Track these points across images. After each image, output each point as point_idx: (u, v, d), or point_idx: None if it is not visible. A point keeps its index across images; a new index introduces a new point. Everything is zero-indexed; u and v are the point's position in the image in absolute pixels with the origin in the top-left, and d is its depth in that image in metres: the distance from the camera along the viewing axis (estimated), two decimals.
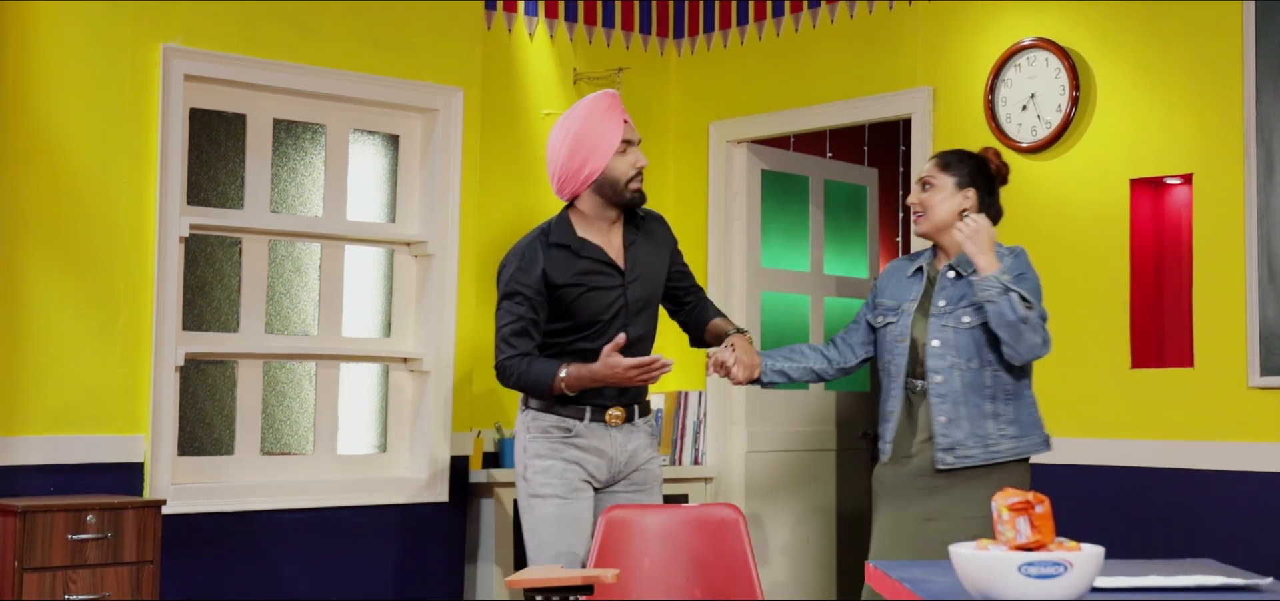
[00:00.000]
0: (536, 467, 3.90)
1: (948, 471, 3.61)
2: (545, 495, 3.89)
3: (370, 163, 5.30)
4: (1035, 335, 3.52)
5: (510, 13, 5.64)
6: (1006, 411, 3.62)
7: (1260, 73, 4.35)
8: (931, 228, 3.72)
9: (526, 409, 3.96)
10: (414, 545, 5.13)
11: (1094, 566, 2.29)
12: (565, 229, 3.91)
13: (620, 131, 3.86)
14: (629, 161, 3.88)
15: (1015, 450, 3.62)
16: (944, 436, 3.61)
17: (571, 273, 3.86)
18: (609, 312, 3.89)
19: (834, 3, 5.55)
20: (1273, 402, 4.32)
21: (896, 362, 3.71)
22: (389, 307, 5.30)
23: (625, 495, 4.00)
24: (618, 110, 3.89)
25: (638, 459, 3.98)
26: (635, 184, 3.89)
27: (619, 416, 3.92)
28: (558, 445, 3.89)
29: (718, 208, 5.92)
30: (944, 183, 3.70)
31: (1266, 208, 4.33)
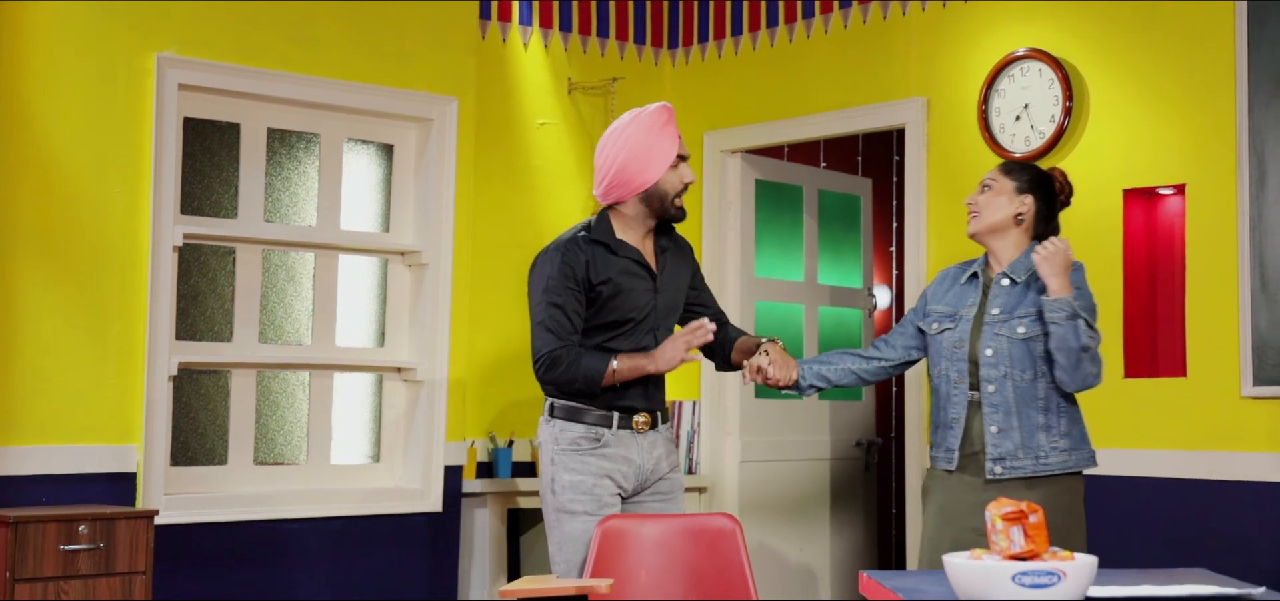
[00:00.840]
0: (565, 482, 3.90)
1: (996, 481, 3.57)
2: (575, 511, 3.89)
3: (364, 172, 5.30)
4: (1093, 365, 3.50)
5: (505, 23, 5.64)
6: (1059, 424, 3.58)
7: (1253, 83, 4.37)
8: (982, 228, 3.67)
9: (552, 419, 3.95)
10: (407, 555, 5.12)
11: (1087, 576, 2.30)
12: (605, 228, 3.96)
13: (675, 147, 3.93)
14: (679, 176, 3.95)
15: (1065, 463, 3.57)
16: (994, 446, 3.57)
17: (610, 271, 3.90)
18: (641, 313, 3.93)
19: (828, 13, 5.56)
20: (1265, 412, 4.33)
21: (955, 369, 3.66)
22: (383, 317, 5.29)
23: (651, 504, 4.01)
24: (673, 124, 3.95)
25: (662, 467, 4.01)
26: (680, 199, 3.97)
27: (645, 423, 3.94)
28: (587, 457, 3.90)
29: (712, 217, 5.93)
30: (1003, 186, 3.67)
31: (1259, 218, 4.34)
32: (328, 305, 5.15)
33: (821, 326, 6.29)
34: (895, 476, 6.91)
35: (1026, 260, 3.64)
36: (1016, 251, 3.66)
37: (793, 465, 6.09)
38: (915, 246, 5.27)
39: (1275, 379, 4.28)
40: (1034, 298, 3.58)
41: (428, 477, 5.16)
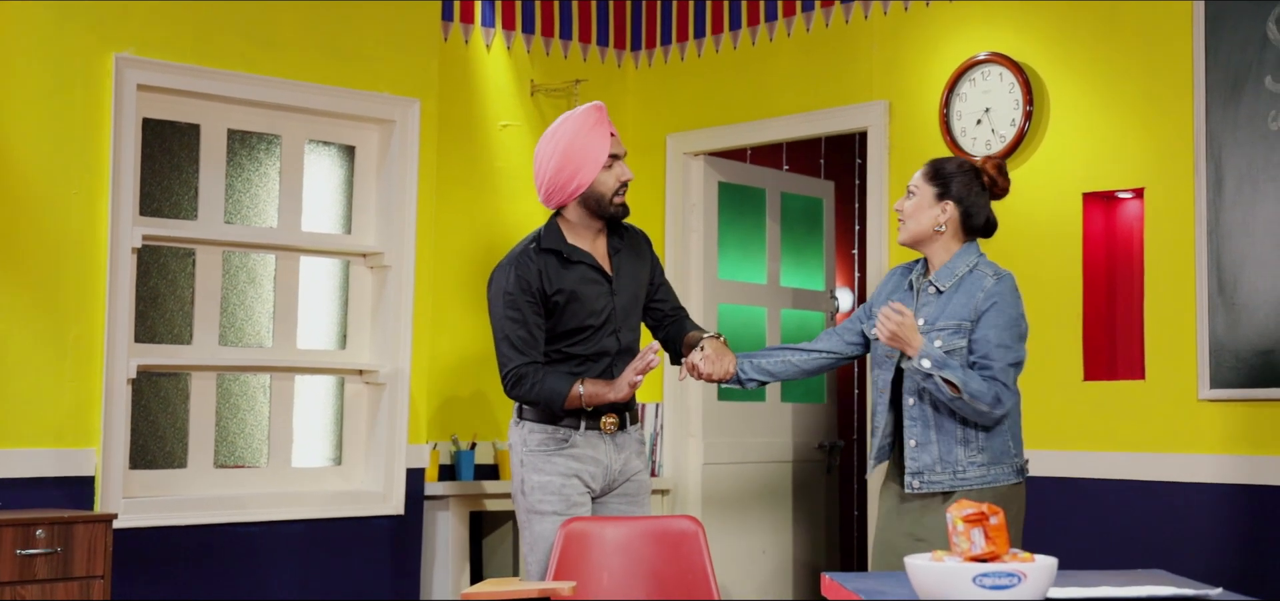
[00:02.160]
0: (534, 483, 3.93)
1: (915, 496, 3.52)
2: (544, 511, 3.92)
3: (326, 174, 5.27)
4: (979, 404, 3.39)
5: (467, 24, 5.63)
6: (978, 438, 3.50)
7: (1210, 89, 4.41)
8: (908, 238, 3.62)
9: (521, 420, 3.98)
10: (369, 558, 5.10)
11: (1047, 577, 2.31)
12: (555, 236, 3.96)
13: (608, 145, 3.91)
14: (614, 175, 3.93)
15: (982, 478, 3.49)
16: (912, 460, 3.53)
17: (563, 279, 3.91)
18: (600, 318, 3.94)
19: (791, 16, 5.58)
20: (1222, 415, 4.37)
21: (882, 377, 3.62)
22: (345, 319, 5.27)
23: (618, 506, 4.03)
24: (605, 123, 3.94)
25: (630, 468, 4.03)
26: (619, 197, 3.96)
27: (613, 424, 3.96)
28: (554, 457, 3.93)
29: (675, 220, 5.93)
30: (925, 194, 3.58)
31: (1216, 222, 4.38)
32: (289, 307, 5.12)
33: (784, 329, 6.30)
34: (857, 478, 6.93)
35: (953, 266, 3.55)
36: (947, 255, 3.58)
37: (755, 467, 6.11)
38: (877, 249, 5.29)
39: (1232, 382, 4.32)
40: (956, 307, 3.50)
41: (390, 480, 5.14)
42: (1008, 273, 3.56)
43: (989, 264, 3.56)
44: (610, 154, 3.92)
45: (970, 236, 3.59)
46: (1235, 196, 4.35)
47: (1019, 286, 3.56)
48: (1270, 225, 4.27)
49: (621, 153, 3.96)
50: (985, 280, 3.50)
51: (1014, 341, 3.48)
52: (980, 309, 3.48)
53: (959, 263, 3.56)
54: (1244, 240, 4.32)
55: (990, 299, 3.47)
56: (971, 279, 3.52)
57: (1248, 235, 4.31)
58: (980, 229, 3.60)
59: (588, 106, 3.98)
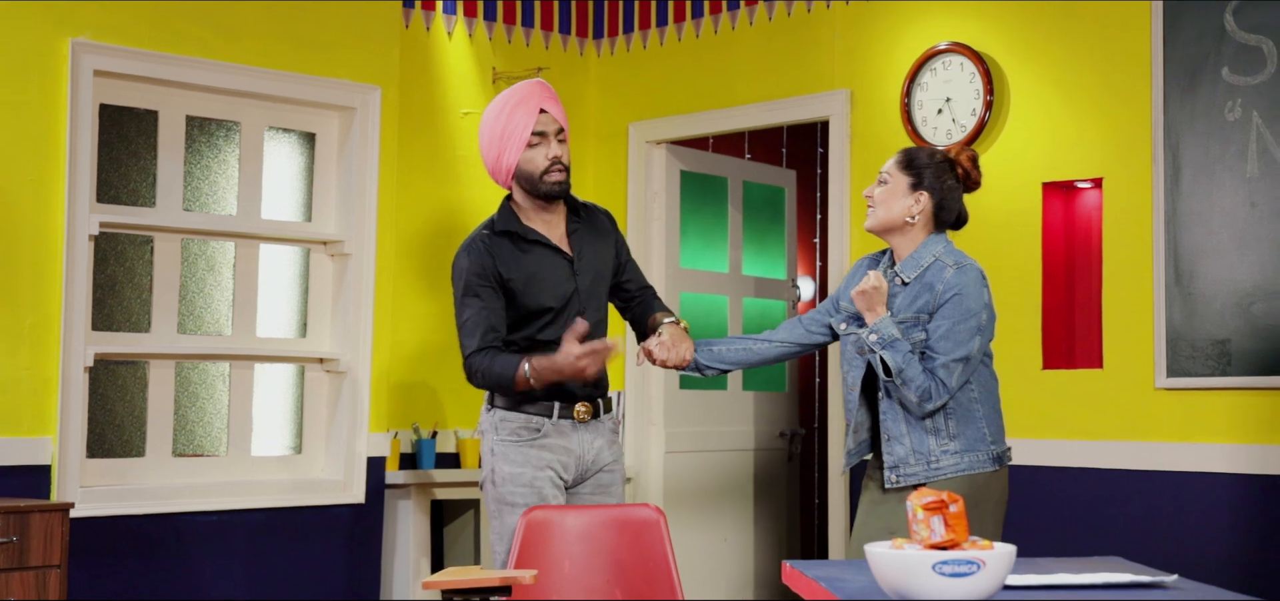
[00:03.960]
0: (505, 474, 3.83)
1: (896, 490, 3.48)
2: (516, 503, 3.82)
3: (286, 161, 5.24)
4: (908, 391, 3.39)
5: (428, 11, 5.60)
6: (948, 427, 3.46)
7: (1168, 80, 4.44)
8: (876, 225, 3.55)
9: (493, 408, 3.87)
10: (329, 547, 5.07)
11: (1006, 565, 2.32)
12: (509, 217, 3.86)
13: (530, 124, 3.77)
14: (541, 154, 3.78)
15: (957, 467, 3.45)
16: (888, 454, 3.49)
17: (519, 262, 3.80)
18: (562, 300, 3.82)
19: (753, 5, 5.58)
20: (1178, 403, 4.41)
21: (853, 373, 3.57)
22: (305, 307, 5.24)
23: (590, 496, 3.94)
24: (533, 100, 3.80)
25: (603, 458, 3.93)
26: (553, 176, 3.79)
27: (586, 412, 3.85)
28: (527, 449, 3.82)
29: (637, 208, 5.93)
30: (898, 183, 3.52)
31: (1173, 212, 4.42)
32: (248, 295, 5.09)
33: (746, 317, 6.31)
34: (818, 467, 6.96)
35: (918, 257, 3.51)
36: (913, 246, 3.53)
37: (717, 456, 6.12)
38: (839, 238, 5.31)
39: (1188, 370, 4.36)
40: (915, 299, 3.47)
41: (350, 469, 5.12)
42: (972, 263, 3.49)
43: (953, 253, 3.51)
44: (535, 131, 3.77)
45: (940, 229, 3.55)
46: (1192, 186, 4.39)
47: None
48: (1227, 215, 4.31)
49: (551, 129, 3.79)
50: (945, 271, 3.46)
51: (965, 336, 3.42)
52: (939, 301, 3.45)
53: (923, 253, 3.51)
54: (1201, 230, 4.36)
55: (949, 290, 3.45)
56: (933, 270, 3.49)
57: (1204, 225, 4.35)
58: (952, 223, 3.57)
59: (518, 83, 3.88)
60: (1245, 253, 4.27)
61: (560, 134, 3.83)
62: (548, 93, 3.85)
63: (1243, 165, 4.29)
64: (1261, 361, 4.22)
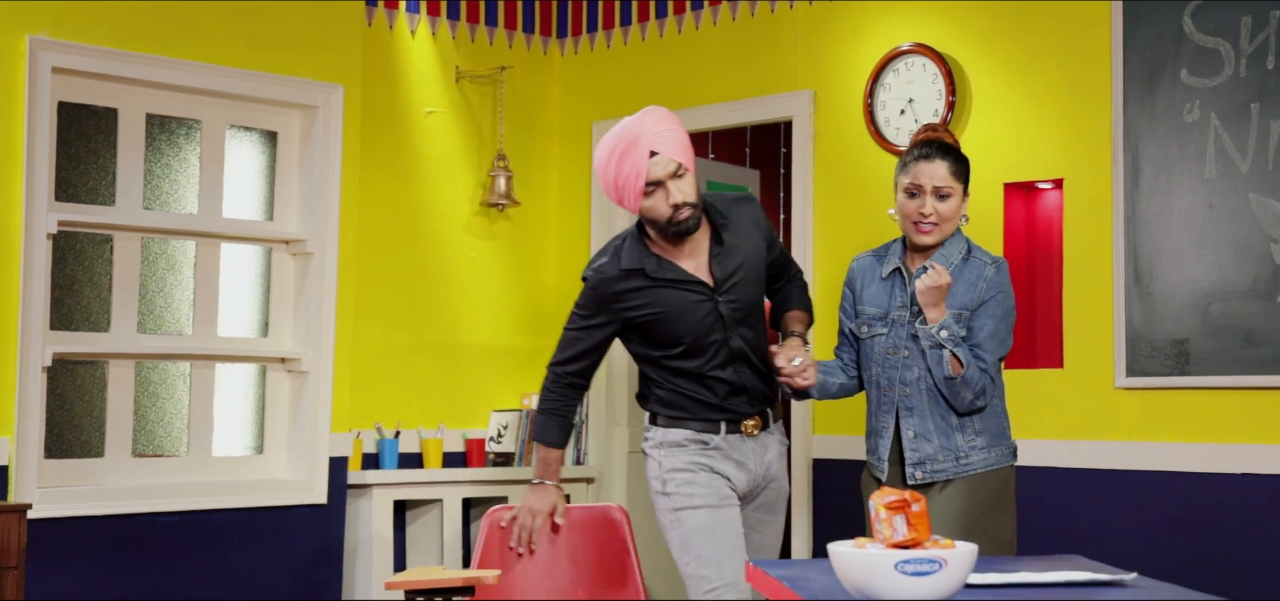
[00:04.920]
0: (678, 480, 3.59)
1: (920, 487, 3.45)
2: (694, 505, 3.57)
3: (247, 159, 5.21)
4: (966, 391, 3.39)
5: (391, 9, 5.58)
6: (974, 422, 3.46)
7: (1128, 82, 4.48)
8: (941, 238, 3.48)
9: (655, 424, 3.67)
10: (291, 548, 5.05)
11: (967, 563, 2.33)
12: (637, 253, 3.57)
13: (642, 172, 3.44)
14: (660, 201, 3.47)
15: (985, 461, 3.46)
16: (913, 451, 3.46)
17: (648, 300, 3.55)
18: (703, 329, 3.56)
19: (716, 5, 5.59)
20: (1138, 402, 4.45)
21: (886, 376, 3.51)
22: (266, 307, 5.21)
23: (755, 514, 3.70)
24: (642, 144, 3.46)
25: (772, 472, 3.69)
26: (679, 217, 3.48)
27: (755, 426, 3.63)
28: (695, 456, 3.60)
29: (600, 207, 5.92)
30: (956, 191, 3.49)
31: (1133, 213, 4.45)
32: (209, 294, 5.06)
33: None
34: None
35: (948, 252, 3.48)
36: (942, 240, 3.51)
37: None
38: (802, 238, 5.32)
39: (1147, 370, 4.40)
40: (957, 295, 3.44)
41: (312, 469, 5.09)
42: (1003, 259, 3.51)
43: (980, 249, 3.51)
44: (648, 181, 3.45)
45: None
46: (1152, 187, 4.42)
47: None
48: (1185, 216, 4.35)
49: (666, 173, 3.45)
50: (986, 268, 3.45)
51: (1007, 334, 3.46)
52: (983, 297, 3.44)
53: (953, 248, 3.50)
54: (1160, 231, 4.40)
55: (993, 288, 3.44)
56: (970, 266, 3.47)
57: (1164, 226, 4.39)
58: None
59: (618, 130, 3.52)
60: (1203, 253, 4.31)
61: (678, 172, 3.48)
62: (657, 129, 3.50)
63: (1201, 166, 4.33)
64: (1219, 361, 4.26)
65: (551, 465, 3.74)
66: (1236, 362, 4.23)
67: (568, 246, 6.02)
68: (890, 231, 4.90)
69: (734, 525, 3.58)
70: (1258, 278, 4.20)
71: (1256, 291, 4.20)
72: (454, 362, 5.72)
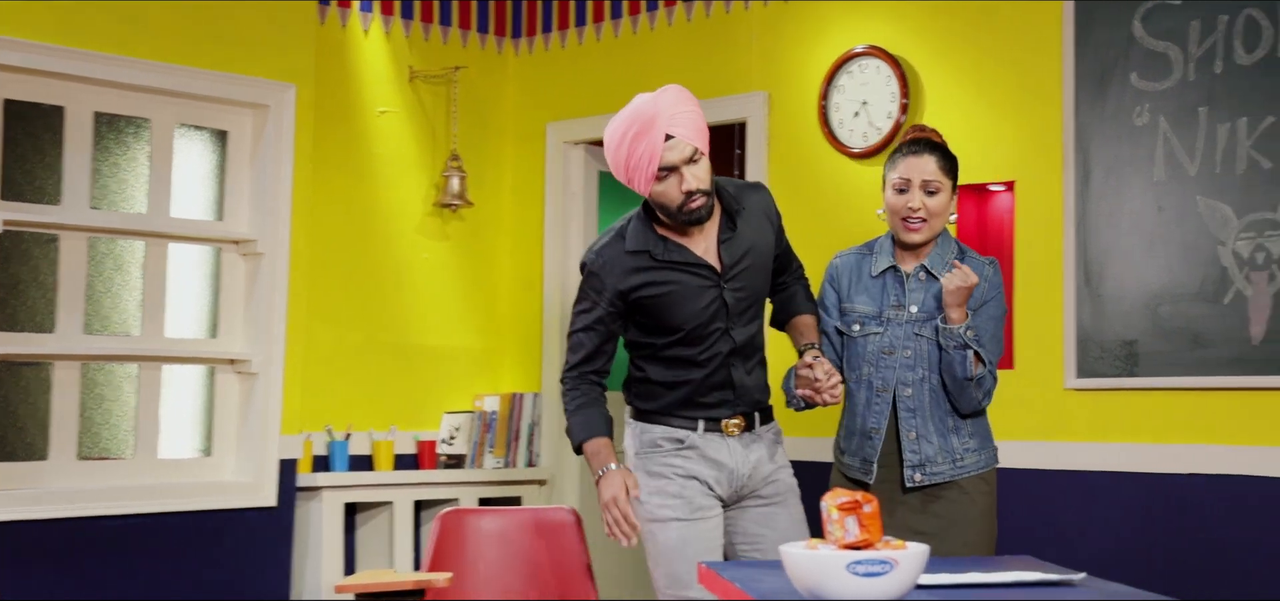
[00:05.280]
0: (650, 488, 3.44)
1: (917, 489, 3.41)
2: (664, 518, 3.43)
3: (197, 159, 5.15)
4: (978, 391, 3.37)
5: (344, 8, 5.54)
6: (967, 424, 3.44)
7: (1079, 85, 4.51)
8: (930, 235, 3.43)
9: (635, 420, 3.53)
10: (240, 551, 5.00)
11: (918, 564, 2.34)
12: (644, 235, 3.41)
13: (655, 157, 3.29)
14: (673, 188, 3.32)
15: (978, 464, 3.45)
16: (913, 453, 3.41)
17: (653, 280, 3.39)
18: (706, 316, 3.41)
19: (671, 6, 5.58)
20: (1087, 403, 4.48)
21: (881, 376, 3.44)
22: (216, 307, 5.16)
23: (755, 510, 3.51)
24: (657, 127, 3.30)
25: (763, 470, 3.50)
26: (691, 204, 3.33)
27: (737, 426, 3.46)
28: (671, 458, 3.45)
29: (555, 209, 5.91)
30: (945, 187, 3.43)
31: (1083, 215, 4.48)
32: (157, 295, 5.00)
33: None
34: None
35: (943, 253, 3.44)
36: (934, 242, 3.47)
37: None
38: None
39: (1097, 371, 4.42)
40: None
41: (261, 471, 5.04)
42: (996, 260, 3.49)
43: (971, 251, 3.49)
44: (661, 166, 3.30)
45: None
46: (1102, 190, 4.45)
47: None
48: (1135, 218, 4.38)
49: (680, 159, 3.30)
50: (984, 268, 3.43)
51: (1001, 334, 3.46)
52: (984, 298, 3.42)
53: (946, 251, 3.46)
54: (1110, 233, 4.43)
55: (992, 289, 3.43)
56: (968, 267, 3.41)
57: (1114, 228, 4.42)
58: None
59: (631, 110, 3.36)
60: (1152, 255, 4.34)
61: (694, 157, 3.33)
62: (675, 110, 3.34)
63: (1150, 169, 4.36)
64: (1167, 362, 4.30)
65: (603, 454, 3.43)
66: (1185, 364, 4.27)
67: (522, 248, 6.00)
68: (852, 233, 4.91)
69: (707, 538, 3.44)
70: (1206, 279, 4.24)
71: (1204, 293, 4.24)
72: (406, 364, 5.69)
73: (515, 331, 5.99)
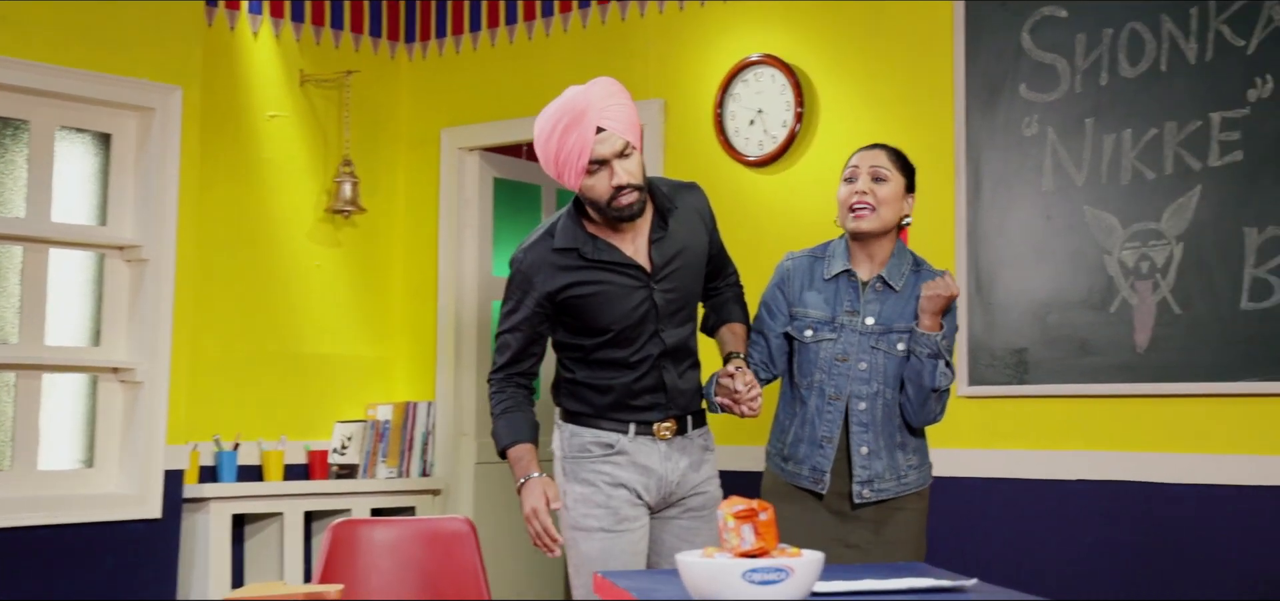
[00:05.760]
0: (576, 495, 3.38)
1: (865, 505, 3.35)
2: (589, 528, 3.36)
3: (79, 162, 5.02)
4: (938, 405, 3.33)
5: (233, 10, 5.44)
6: (911, 441, 3.40)
7: (970, 95, 4.57)
8: (880, 226, 3.33)
9: (562, 423, 3.46)
10: (124, 564, 4.87)
11: (814, 571, 2.34)
12: (573, 232, 3.33)
13: (585, 150, 3.21)
14: (603, 181, 3.24)
15: (919, 481, 3.41)
16: (863, 468, 3.34)
17: (581, 280, 3.31)
18: (635, 317, 3.33)
19: (567, 12, 5.56)
20: (979, 411, 4.53)
21: (833, 384, 3.36)
22: (98, 314, 5.02)
23: (682, 522, 3.44)
24: (588, 119, 3.22)
25: (691, 479, 3.43)
26: (621, 200, 3.24)
27: (668, 430, 3.39)
28: (599, 465, 3.38)
29: (449, 216, 5.85)
30: (897, 181, 3.37)
31: (975, 225, 4.54)
32: (37, 301, 4.86)
33: None
34: None
35: (899, 264, 3.37)
36: (887, 252, 3.39)
37: None
38: None
39: (988, 379, 4.48)
40: (913, 311, 3.34)
41: (146, 483, 4.92)
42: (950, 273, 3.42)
43: (926, 263, 3.45)
44: (592, 160, 3.22)
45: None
46: (992, 199, 4.52)
47: None
48: (1024, 228, 4.45)
49: (611, 152, 3.22)
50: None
51: (953, 348, 3.41)
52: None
53: (902, 260, 3.40)
54: (1000, 242, 4.49)
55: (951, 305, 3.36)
56: (923, 279, 3.37)
57: (1004, 237, 4.49)
58: None
59: (559, 104, 3.29)
60: (1041, 265, 4.41)
61: (625, 151, 3.25)
62: (606, 103, 3.26)
63: (1039, 179, 4.43)
64: (1055, 370, 4.37)
65: (525, 460, 3.37)
66: (1072, 371, 4.34)
67: (415, 254, 5.93)
68: (748, 242, 4.92)
69: (630, 549, 3.37)
70: (1092, 288, 4.32)
71: (1091, 301, 4.31)
72: (297, 373, 5.59)
73: (409, 339, 5.93)
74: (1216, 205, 4.12)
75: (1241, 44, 4.10)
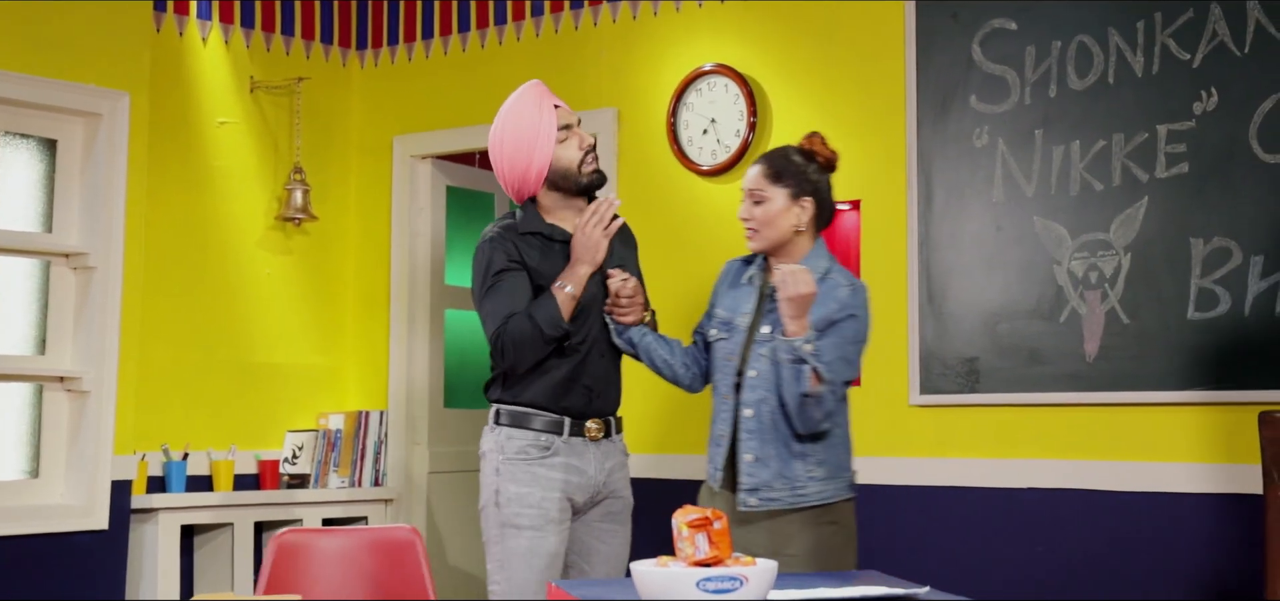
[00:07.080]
0: (512, 494, 3.56)
1: (752, 515, 3.32)
2: (521, 526, 3.55)
3: (24, 168, 4.95)
4: (817, 410, 3.26)
5: (182, 16, 5.39)
6: (815, 452, 3.34)
7: (921, 106, 4.60)
8: (768, 245, 3.40)
9: (498, 426, 3.63)
10: (70, 576, 4.80)
11: (767, 580, 2.34)
12: (534, 219, 3.65)
13: (554, 119, 3.62)
14: (573, 145, 3.64)
15: (822, 494, 3.33)
16: (749, 476, 3.32)
17: (547, 260, 3.60)
18: (586, 296, 3.59)
19: (521, 20, 5.55)
20: (930, 419, 4.56)
21: (725, 382, 3.41)
22: (44, 323, 4.96)
23: (601, 525, 3.68)
24: (546, 98, 3.66)
25: (613, 482, 3.67)
26: (589, 165, 3.65)
27: (597, 430, 3.62)
28: (536, 468, 3.57)
29: (401, 224, 5.82)
30: (775, 196, 3.38)
31: (927, 235, 4.57)
32: None
33: None
34: None
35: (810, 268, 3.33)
36: (801, 255, 3.40)
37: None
38: None
39: (939, 387, 4.51)
40: (819, 314, 3.30)
41: (93, 493, 4.86)
42: (862, 284, 3.41)
43: (840, 270, 3.41)
44: (560, 126, 3.62)
45: (821, 228, 3.44)
46: (944, 210, 4.54)
47: None
48: (975, 238, 4.48)
49: (573, 121, 3.66)
50: (840, 289, 3.34)
51: (855, 358, 3.35)
52: (833, 317, 3.31)
53: (814, 264, 3.37)
54: (952, 252, 4.52)
55: (845, 310, 3.32)
56: (826, 286, 3.34)
57: (955, 247, 4.51)
58: (829, 218, 3.45)
59: (521, 89, 3.71)
60: (992, 274, 4.44)
61: (579, 124, 3.70)
62: (545, 89, 3.72)
63: (990, 190, 4.46)
64: (1006, 379, 4.40)
65: (568, 272, 3.54)
66: (1022, 380, 4.37)
67: (367, 262, 5.90)
68: (702, 251, 4.93)
69: (554, 549, 3.57)
70: (1042, 298, 4.35)
71: (1041, 311, 4.35)
72: (247, 382, 5.54)
73: (361, 348, 5.89)
74: (1164, 216, 4.16)
75: (1187, 57, 4.15)
